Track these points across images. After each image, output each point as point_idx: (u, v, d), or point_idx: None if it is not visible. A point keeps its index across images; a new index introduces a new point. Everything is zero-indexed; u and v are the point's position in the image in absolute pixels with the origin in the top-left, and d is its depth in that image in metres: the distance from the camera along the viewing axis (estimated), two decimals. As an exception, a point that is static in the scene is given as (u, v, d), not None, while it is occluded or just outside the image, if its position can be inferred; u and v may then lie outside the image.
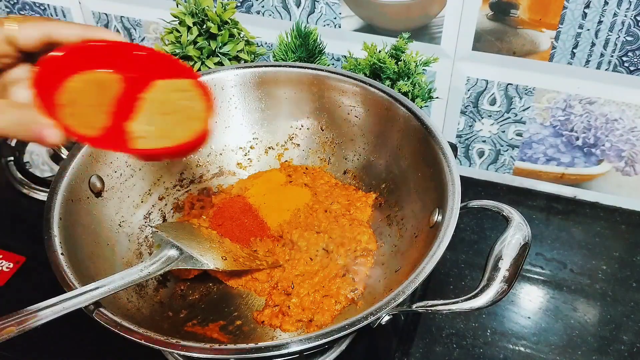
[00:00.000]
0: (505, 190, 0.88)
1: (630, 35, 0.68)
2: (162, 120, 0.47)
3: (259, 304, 0.60)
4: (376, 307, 0.45)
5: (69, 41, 0.44)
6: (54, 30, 0.43)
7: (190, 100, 0.48)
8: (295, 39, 0.74)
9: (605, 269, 0.75)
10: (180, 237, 0.57)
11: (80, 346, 0.64)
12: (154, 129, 0.47)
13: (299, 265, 0.62)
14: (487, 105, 0.81)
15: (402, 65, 0.70)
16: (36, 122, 0.41)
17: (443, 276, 0.74)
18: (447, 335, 0.68)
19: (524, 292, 0.73)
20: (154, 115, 0.47)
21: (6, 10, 1.03)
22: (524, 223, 0.50)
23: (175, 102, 0.47)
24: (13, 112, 0.42)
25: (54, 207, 0.54)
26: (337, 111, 0.70)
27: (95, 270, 0.55)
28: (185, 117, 0.47)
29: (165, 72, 0.48)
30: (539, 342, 0.67)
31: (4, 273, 0.71)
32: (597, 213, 0.83)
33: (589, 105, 0.75)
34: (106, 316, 0.46)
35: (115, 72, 0.47)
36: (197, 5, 0.71)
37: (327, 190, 0.69)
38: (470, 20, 0.74)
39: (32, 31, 0.43)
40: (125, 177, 0.64)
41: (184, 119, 0.47)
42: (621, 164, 0.79)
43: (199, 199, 0.70)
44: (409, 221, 0.61)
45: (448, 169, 0.55)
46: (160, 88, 0.48)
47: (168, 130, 0.47)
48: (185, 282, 0.62)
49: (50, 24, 0.43)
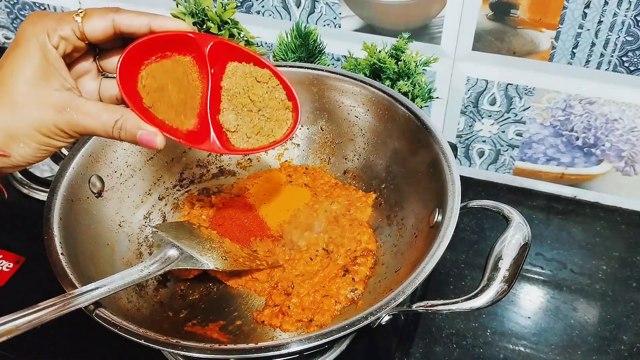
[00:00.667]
0: (505, 190, 0.88)
1: (630, 35, 0.68)
2: (250, 116, 0.48)
3: (259, 304, 0.60)
4: (376, 307, 0.45)
5: (136, 31, 0.43)
6: (121, 21, 0.43)
7: (273, 93, 0.48)
8: (295, 39, 0.74)
9: (605, 269, 0.75)
10: (180, 237, 0.57)
11: (80, 346, 0.64)
12: (244, 123, 0.47)
13: (299, 265, 0.62)
14: (487, 105, 0.81)
15: (402, 65, 0.70)
16: (140, 127, 0.42)
17: (443, 276, 0.74)
18: (447, 335, 0.68)
19: (524, 292, 0.73)
20: (239, 105, 0.48)
21: (6, 10, 1.03)
22: (524, 223, 0.50)
23: (260, 95, 0.48)
24: (111, 115, 0.42)
25: (54, 207, 0.54)
26: (337, 111, 0.70)
27: (95, 270, 0.55)
28: (273, 111, 0.48)
29: (241, 59, 0.48)
30: (539, 342, 0.67)
31: (4, 273, 0.71)
32: (597, 213, 0.83)
33: (589, 105, 0.75)
34: (106, 316, 0.46)
35: (192, 58, 0.46)
36: (197, 5, 0.71)
37: (327, 190, 0.69)
38: (470, 20, 0.74)
39: (99, 23, 0.42)
40: (125, 177, 0.64)
41: (272, 112, 0.48)
42: (621, 164, 0.79)
43: (199, 199, 0.70)
44: (409, 221, 0.61)
45: (448, 169, 0.55)
46: (238, 72, 0.48)
47: (260, 126, 0.48)
48: (185, 282, 0.62)
49: (116, 15, 0.42)
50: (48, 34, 0.41)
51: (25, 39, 0.41)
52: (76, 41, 0.42)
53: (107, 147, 0.62)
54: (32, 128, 0.41)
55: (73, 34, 0.42)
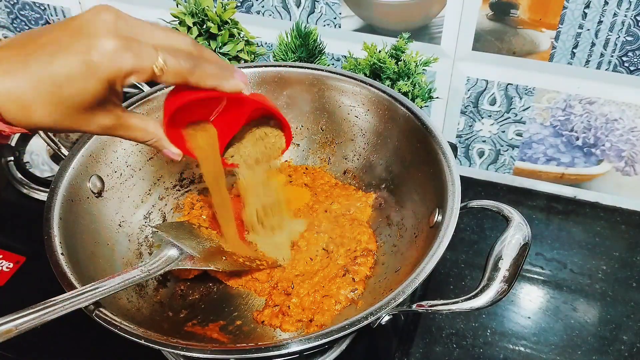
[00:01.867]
0: (505, 190, 0.88)
1: (630, 35, 0.68)
2: (251, 151, 0.57)
3: (259, 304, 0.60)
4: (376, 307, 0.45)
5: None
6: (191, 82, 0.42)
7: (275, 139, 0.57)
8: (295, 39, 0.74)
9: (605, 269, 0.75)
10: (180, 237, 0.57)
11: (80, 346, 0.64)
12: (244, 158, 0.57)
13: (299, 265, 0.62)
14: (487, 105, 0.81)
15: (402, 65, 0.70)
16: (165, 148, 0.48)
17: (443, 276, 0.74)
18: (447, 335, 0.68)
19: (524, 292, 0.73)
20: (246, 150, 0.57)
21: (6, 10, 1.03)
22: (524, 223, 0.50)
23: (265, 142, 0.57)
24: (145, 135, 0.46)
25: (54, 207, 0.54)
26: (337, 111, 0.70)
27: (95, 270, 0.55)
28: (269, 149, 0.57)
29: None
30: (539, 342, 0.67)
31: (4, 273, 0.71)
32: (597, 213, 0.83)
33: (589, 105, 0.76)
34: (106, 316, 0.46)
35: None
36: (197, 5, 0.71)
37: (327, 190, 0.69)
38: (470, 20, 0.74)
39: (171, 80, 0.41)
40: (125, 177, 0.64)
41: (268, 150, 0.57)
42: (621, 164, 0.79)
43: (199, 199, 0.70)
44: (409, 221, 0.61)
45: (448, 169, 0.55)
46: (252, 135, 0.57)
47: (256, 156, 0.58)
48: (185, 282, 0.62)
49: (189, 78, 0.41)
50: (123, 76, 0.38)
51: (93, 67, 0.37)
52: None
53: (107, 147, 0.62)
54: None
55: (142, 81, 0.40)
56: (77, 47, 0.36)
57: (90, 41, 0.37)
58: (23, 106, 0.37)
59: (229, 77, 0.44)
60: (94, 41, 0.37)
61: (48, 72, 0.36)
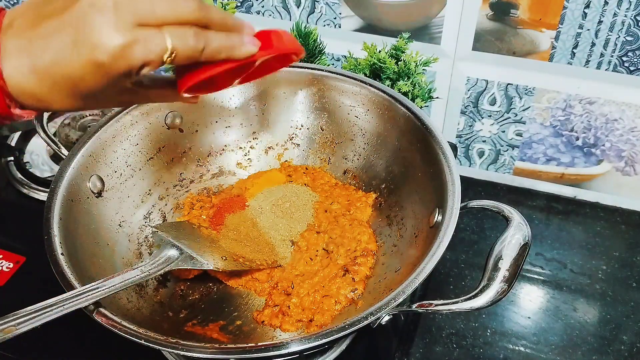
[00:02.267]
0: (505, 190, 0.88)
1: (630, 35, 0.68)
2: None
3: (259, 304, 0.60)
4: (376, 307, 0.45)
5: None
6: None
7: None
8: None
9: (605, 269, 0.75)
10: (180, 237, 0.57)
11: (80, 346, 0.64)
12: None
13: (299, 265, 0.62)
14: (487, 105, 0.81)
15: (402, 65, 0.70)
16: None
17: (443, 276, 0.74)
18: (447, 335, 0.68)
19: (524, 292, 0.73)
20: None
21: (6, 10, 1.03)
22: (524, 223, 0.50)
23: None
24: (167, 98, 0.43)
25: (54, 207, 0.54)
26: (337, 111, 0.70)
27: (95, 270, 0.55)
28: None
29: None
30: (539, 342, 0.67)
31: (4, 273, 0.71)
32: (597, 213, 0.83)
33: (589, 105, 0.75)
34: (106, 316, 0.46)
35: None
36: (197, 5, 0.71)
37: (327, 190, 0.69)
38: (470, 20, 0.74)
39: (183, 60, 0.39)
40: (125, 177, 0.64)
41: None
42: (621, 164, 0.79)
43: (199, 199, 0.70)
44: (409, 221, 0.61)
45: (448, 169, 0.55)
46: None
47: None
48: (185, 282, 0.62)
49: (202, 56, 0.39)
50: (135, 72, 0.36)
51: (103, 68, 0.35)
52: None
53: (107, 147, 0.63)
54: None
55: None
56: (81, 49, 0.35)
57: (93, 39, 0.34)
58: (39, 99, 0.37)
59: (239, 44, 0.42)
60: (96, 38, 0.34)
61: (61, 74, 0.36)
